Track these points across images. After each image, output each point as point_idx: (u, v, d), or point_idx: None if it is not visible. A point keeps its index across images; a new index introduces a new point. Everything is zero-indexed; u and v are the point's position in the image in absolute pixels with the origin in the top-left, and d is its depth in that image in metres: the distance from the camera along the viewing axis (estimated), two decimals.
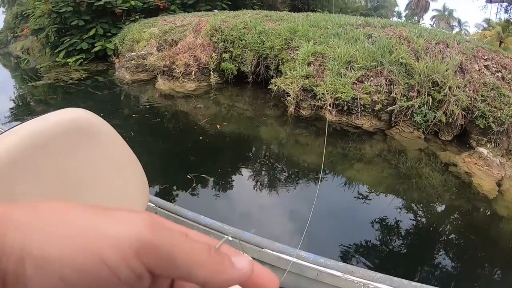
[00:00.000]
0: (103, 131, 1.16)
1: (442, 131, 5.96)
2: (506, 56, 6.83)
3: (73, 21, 11.44)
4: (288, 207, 3.80)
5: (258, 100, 7.26)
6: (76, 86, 8.61)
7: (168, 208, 1.74)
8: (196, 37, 8.22)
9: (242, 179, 4.20)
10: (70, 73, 10.00)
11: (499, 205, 4.22)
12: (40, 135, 0.97)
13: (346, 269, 1.56)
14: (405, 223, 3.68)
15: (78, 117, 1.10)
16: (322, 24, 7.60)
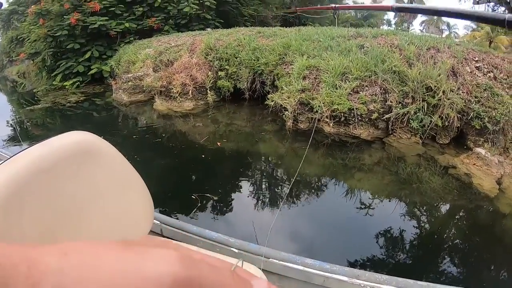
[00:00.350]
0: (106, 152, 1.19)
1: (439, 135, 6.03)
2: (496, 56, 6.93)
3: (69, 45, 11.55)
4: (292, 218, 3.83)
5: (256, 116, 7.32)
6: (75, 109, 8.66)
7: (173, 224, 1.76)
8: (192, 56, 8.30)
9: (245, 195, 4.23)
10: (68, 96, 10.05)
11: (501, 203, 4.28)
12: (45, 160, 1.00)
13: (352, 273, 1.57)
14: (410, 228, 3.74)
15: (81, 139, 1.14)
16: (315, 38, 7.70)
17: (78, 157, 1.09)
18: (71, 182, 1.06)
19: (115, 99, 8.99)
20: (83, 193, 1.09)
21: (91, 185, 1.12)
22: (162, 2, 12.53)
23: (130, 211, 1.27)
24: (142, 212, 1.32)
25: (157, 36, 11.57)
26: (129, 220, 1.27)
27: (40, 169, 0.97)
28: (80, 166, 1.09)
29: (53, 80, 11.96)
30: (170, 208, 3.72)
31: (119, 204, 1.22)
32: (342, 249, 3.18)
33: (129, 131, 6.84)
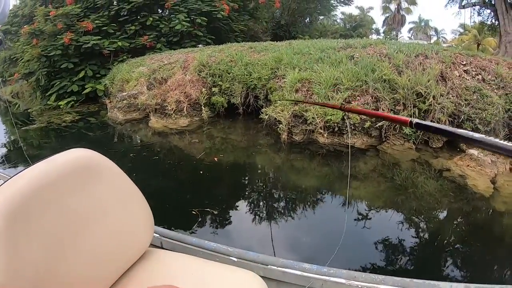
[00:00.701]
0: (107, 168, 1.26)
1: (432, 139, 6.12)
2: (483, 58, 7.08)
3: (63, 64, 11.69)
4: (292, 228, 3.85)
5: (251, 130, 7.39)
6: (70, 129, 8.67)
7: (172, 236, 1.79)
8: (185, 73, 8.39)
9: (245, 207, 4.25)
10: (63, 116, 10.06)
11: (497, 201, 4.37)
12: (50, 175, 1.07)
13: (350, 275, 1.59)
14: (410, 231, 3.79)
15: (83, 156, 1.21)
16: (305, 51, 7.82)
17: (80, 172, 1.15)
18: (75, 196, 1.11)
19: (110, 118, 9.03)
20: (86, 206, 1.14)
21: (94, 199, 1.18)
22: (154, 21, 12.74)
23: (131, 224, 1.31)
24: (143, 225, 1.37)
25: (150, 54, 11.71)
26: (130, 233, 1.31)
27: (45, 184, 1.04)
28: (82, 181, 1.15)
29: (47, 99, 12.04)
30: (171, 224, 3.74)
31: (120, 217, 1.26)
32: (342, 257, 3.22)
33: (127, 149, 6.86)
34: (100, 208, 1.20)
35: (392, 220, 4.06)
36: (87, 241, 1.13)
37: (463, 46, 26.72)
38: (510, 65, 6.88)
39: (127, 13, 12.73)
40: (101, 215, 1.19)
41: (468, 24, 26.08)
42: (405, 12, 43.30)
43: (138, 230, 1.35)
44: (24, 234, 0.95)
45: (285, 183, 5.09)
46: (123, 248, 1.29)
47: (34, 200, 1.00)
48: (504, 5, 16.37)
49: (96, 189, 1.19)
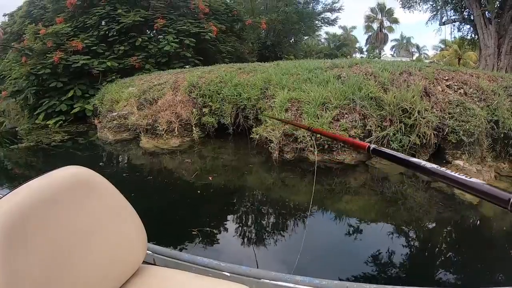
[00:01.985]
0: (101, 185, 1.30)
1: (418, 153, 6.31)
2: (465, 73, 7.36)
3: (51, 83, 11.65)
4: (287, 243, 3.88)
5: (241, 150, 7.49)
6: (60, 148, 8.61)
7: (165, 253, 1.80)
8: (175, 94, 8.47)
9: (244, 225, 4.30)
10: (51, 135, 9.97)
11: (484, 207, 4.57)
12: (46, 191, 1.09)
13: (342, 286, 1.61)
14: (401, 242, 3.93)
15: (78, 173, 1.24)
16: (293, 71, 7.99)
17: (75, 189, 1.18)
18: (70, 213, 1.14)
19: (100, 138, 9.00)
20: (80, 223, 1.16)
21: (88, 216, 1.20)
22: (143, 41, 12.83)
23: (125, 241, 1.33)
24: (136, 242, 1.39)
25: (139, 74, 11.75)
26: (123, 250, 1.33)
27: (41, 200, 1.06)
28: (77, 198, 1.18)
29: (35, 118, 11.97)
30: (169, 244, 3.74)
31: (114, 234, 1.28)
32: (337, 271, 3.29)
33: (119, 169, 6.87)
34: (94, 224, 1.21)
35: (383, 231, 4.18)
36: (82, 258, 1.15)
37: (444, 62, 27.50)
38: (490, 78, 7.17)
39: (116, 34, 12.82)
40: (95, 232, 1.20)
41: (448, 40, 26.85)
42: (387, 30, 44.38)
43: (132, 247, 1.36)
44: (21, 250, 0.97)
45: (276, 201, 5.17)
46: (116, 265, 1.29)
47: (31, 216, 1.01)
48: (483, 20, 16.91)
49: (90, 206, 1.21)
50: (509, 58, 16.56)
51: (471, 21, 18.66)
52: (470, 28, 19.77)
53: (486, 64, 16.85)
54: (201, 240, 3.74)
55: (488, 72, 8.80)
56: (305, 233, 3.79)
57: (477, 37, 18.26)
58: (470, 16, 18.50)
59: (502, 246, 3.93)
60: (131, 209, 1.39)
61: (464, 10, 19.22)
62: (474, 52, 26.06)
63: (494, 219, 4.45)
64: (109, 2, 13.10)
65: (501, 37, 16.53)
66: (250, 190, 5.66)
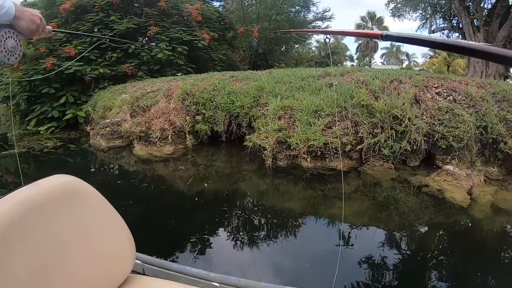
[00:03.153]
0: (89, 194, 1.28)
1: (409, 158, 6.47)
2: (453, 80, 7.54)
3: (44, 89, 11.52)
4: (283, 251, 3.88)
5: (235, 157, 7.51)
6: (52, 155, 8.53)
7: (154, 263, 1.78)
8: (169, 101, 8.50)
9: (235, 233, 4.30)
10: (43, 142, 9.85)
11: (475, 210, 4.74)
12: (34, 200, 1.08)
13: None
14: (393, 245, 4.00)
15: (66, 181, 1.23)
16: (286, 79, 8.08)
17: (64, 197, 1.18)
18: (58, 221, 1.14)
19: (93, 145, 8.94)
20: (69, 232, 1.16)
21: (77, 225, 1.20)
22: (135, 48, 12.80)
23: (113, 251, 1.33)
24: (124, 251, 1.39)
25: (131, 81, 11.74)
26: (112, 259, 1.32)
27: (30, 208, 1.05)
28: (65, 207, 1.18)
29: (27, 125, 11.79)
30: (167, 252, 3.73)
31: (102, 243, 1.28)
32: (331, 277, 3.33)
33: (114, 176, 6.85)
34: (83, 234, 1.20)
35: (376, 235, 4.26)
36: (70, 267, 1.14)
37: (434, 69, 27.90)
38: (479, 85, 7.35)
39: (109, 40, 12.83)
40: (83, 241, 1.20)
41: None
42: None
43: (120, 256, 1.36)
44: (7, 258, 0.96)
45: (271, 207, 5.21)
46: (105, 275, 1.29)
47: (18, 225, 1.01)
48: (472, 28, 17.27)
49: (78, 215, 1.20)
50: (497, 65, 16.85)
51: (460, 29, 19.02)
52: (459, 36, 20.11)
53: (474, 71, 17.17)
54: (196, 249, 3.74)
55: (477, 79, 9.00)
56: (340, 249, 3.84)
57: None
58: (459, 24, 18.87)
59: (493, 248, 4.06)
60: (120, 219, 1.39)
61: (453, 18, 19.59)
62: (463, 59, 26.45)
63: (484, 220, 4.58)
64: (102, 8, 13.08)
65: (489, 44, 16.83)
66: (244, 198, 5.70)
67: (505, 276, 3.48)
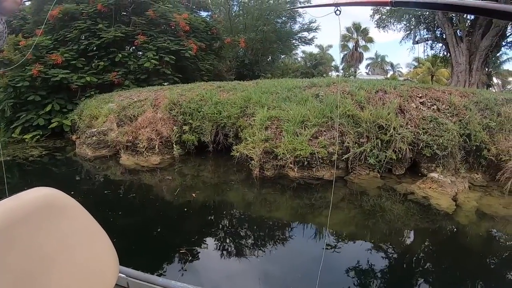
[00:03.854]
0: (70, 206, 1.25)
1: (395, 167, 6.58)
2: (437, 90, 7.72)
3: (30, 96, 11.38)
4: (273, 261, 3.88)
5: (222, 168, 7.54)
6: (35, 164, 8.40)
7: (139, 277, 1.74)
8: (156, 111, 8.48)
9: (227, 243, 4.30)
10: (28, 150, 9.68)
11: (460, 215, 4.88)
12: (15, 213, 1.05)
13: None
14: (382, 253, 4.05)
15: (48, 194, 1.19)
16: (273, 90, 8.17)
17: (45, 211, 1.15)
18: (39, 235, 1.10)
19: (78, 154, 8.83)
20: (50, 246, 1.12)
21: (59, 238, 1.16)
22: (122, 57, 12.77)
23: (96, 264, 1.29)
24: (107, 265, 1.35)
25: (118, 91, 11.69)
26: (94, 273, 1.29)
27: (9, 222, 1.02)
28: (47, 220, 1.14)
29: (12, 132, 11.56)
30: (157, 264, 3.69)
31: (84, 257, 1.24)
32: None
33: (101, 186, 6.75)
34: (64, 248, 1.17)
35: (364, 242, 4.34)
36: (51, 282, 1.10)
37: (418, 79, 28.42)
38: (462, 94, 7.53)
39: (96, 49, 12.76)
40: (65, 255, 1.17)
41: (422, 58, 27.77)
42: (362, 49, 45.37)
43: (103, 270, 1.32)
44: None
45: (259, 217, 5.22)
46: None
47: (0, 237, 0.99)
48: (455, 38, 17.66)
49: (59, 229, 1.18)
50: (480, 74, 17.26)
51: (443, 40, 19.43)
52: (443, 46, 20.59)
53: (458, 80, 17.50)
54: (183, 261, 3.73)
55: (460, 88, 9.21)
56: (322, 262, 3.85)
57: (449, 54, 19.00)
58: (443, 35, 19.28)
59: (478, 252, 4.19)
60: (102, 231, 1.35)
61: (436, 29, 20.03)
62: (447, 69, 26.96)
63: (469, 225, 4.73)
64: (90, 16, 13.04)
65: (472, 54, 17.24)
66: (232, 208, 5.70)
67: (490, 279, 3.57)
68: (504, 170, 5.97)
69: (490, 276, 3.64)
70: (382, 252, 4.10)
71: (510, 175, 5.83)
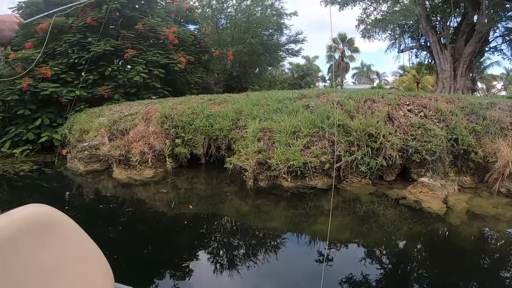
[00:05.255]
0: (64, 224, 1.22)
1: (386, 174, 6.74)
2: (424, 97, 7.95)
3: (19, 110, 11.29)
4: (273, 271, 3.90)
5: (215, 180, 7.59)
6: (26, 179, 8.31)
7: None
8: (148, 125, 8.52)
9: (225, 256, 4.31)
10: (18, 165, 9.59)
11: (451, 217, 5.07)
12: (6, 231, 1.01)
13: None
14: (377, 257, 4.16)
15: (40, 212, 1.16)
16: (263, 102, 8.28)
17: (37, 229, 1.11)
18: (32, 253, 1.07)
19: (70, 169, 8.75)
20: (43, 264, 1.09)
21: (51, 257, 1.13)
22: (112, 71, 12.76)
23: (90, 282, 1.26)
24: (102, 283, 1.32)
25: (108, 104, 11.67)
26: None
27: (1, 241, 0.99)
28: (40, 237, 1.11)
29: (1, 147, 11.40)
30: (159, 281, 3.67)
31: (79, 276, 1.22)
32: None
33: (95, 201, 6.67)
34: (59, 265, 1.14)
35: (358, 247, 4.46)
36: None
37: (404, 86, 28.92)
38: (448, 100, 7.77)
39: (86, 62, 12.72)
40: (59, 273, 1.13)
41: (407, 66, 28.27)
42: (348, 59, 46.00)
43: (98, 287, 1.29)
44: None
45: (256, 228, 5.27)
46: None
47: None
48: (439, 46, 18.05)
49: (52, 247, 1.14)
50: (465, 80, 17.62)
51: (427, 47, 19.86)
52: (427, 53, 21.03)
53: (443, 86, 17.84)
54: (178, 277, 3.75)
55: (446, 95, 9.46)
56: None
57: (434, 61, 19.41)
58: (427, 43, 19.71)
59: (471, 251, 4.32)
60: (96, 248, 1.33)
61: (420, 37, 20.48)
62: (432, 75, 27.46)
63: (460, 226, 4.89)
64: (79, 30, 13.01)
65: (456, 60, 17.62)
66: (228, 219, 5.74)
67: (483, 276, 3.70)
68: (492, 172, 6.15)
69: (483, 274, 3.77)
70: (378, 255, 4.20)
71: (498, 176, 6.02)
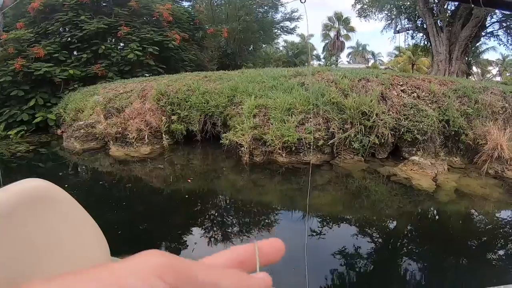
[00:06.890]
0: (61, 198, 1.21)
1: (378, 151, 6.91)
2: (417, 78, 8.05)
3: (12, 91, 11.12)
4: None
5: (211, 155, 7.71)
6: (23, 160, 8.32)
7: None
8: (144, 102, 8.53)
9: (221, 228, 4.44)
10: (13, 146, 9.49)
11: (440, 194, 5.26)
12: (4, 205, 1.00)
13: None
14: (367, 232, 4.31)
15: (37, 186, 1.15)
16: (259, 79, 8.33)
17: (35, 203, 1.11)
18: (29, 228, 1.07)
19: (66, 148, 8.73)
20: (41, 238, 1.09)
21: (49, 231, 1.13)
22: (106, 49, 12.63)
23: (87, 256, 1.25)
24: (98, 256, 1.30)
25: (102, 83, 11.56)
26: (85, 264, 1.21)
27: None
28: (36, 211, 1.11)
29: None
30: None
31: (74, 248, 1.21)
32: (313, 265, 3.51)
33: (95, 178, 6.78)
34: (56, 239, 1.13)
35: (351, 220, 4.65)
36: (42, 275, 1.04)
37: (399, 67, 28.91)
38: (441, 82, 7.86)
39: (79, 41, 12.54)
40: (56, 247, 1.12)
41: (402, 47, 28.11)
42: (344, 38, 45.51)
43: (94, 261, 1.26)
44: None
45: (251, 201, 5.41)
46: None
47: None
48: (435, 28, 17.97)
49: (50, 221, 1.13)
50: (460, 63, 17.62)
51: (424, 29, 19.74)
52: (423, 35, 20.91)
53: (438, 69, 17.83)
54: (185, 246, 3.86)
55: (439, 77, 9.55)
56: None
57: (430, 44, 19.32)
58: (423, 25, 19.58)
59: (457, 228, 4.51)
60: (93, 223, 1.29)
61: (417, 19, 20.32)
62: (427, 58, 27.36)
63: (448, 203, 5.09)
64: (71, 8, 12.77)
65: (452, 44, 17.58)
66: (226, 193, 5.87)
67: (468, 254, 3.87)
68: (481, 154, 6.33)
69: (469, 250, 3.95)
70: (368, 230, 4.36)
71: (487, 158, 6.19)
